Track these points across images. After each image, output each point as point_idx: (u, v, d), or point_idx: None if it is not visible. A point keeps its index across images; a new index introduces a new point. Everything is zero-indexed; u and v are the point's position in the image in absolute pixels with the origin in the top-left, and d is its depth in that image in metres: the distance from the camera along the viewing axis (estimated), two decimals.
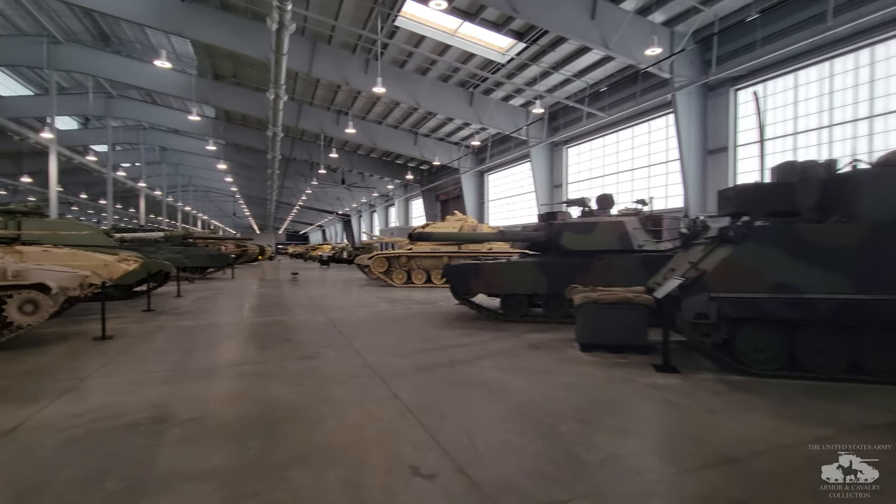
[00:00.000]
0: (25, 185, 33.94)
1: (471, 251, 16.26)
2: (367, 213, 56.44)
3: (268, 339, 6.99)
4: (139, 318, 9.04)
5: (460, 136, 27.11)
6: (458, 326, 8.06)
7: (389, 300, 12.24)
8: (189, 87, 21.45)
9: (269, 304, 11.27)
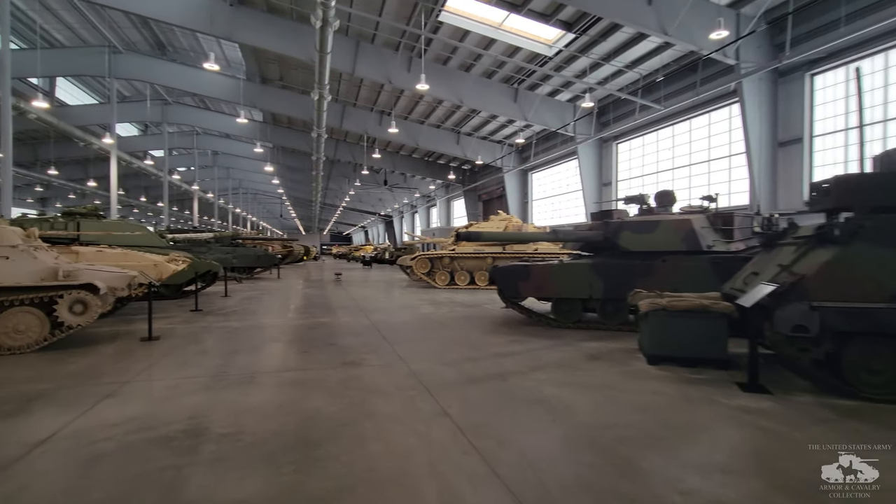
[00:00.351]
0: (91, 188, 36.18)
1: (515, 252, 15.70)
2: (409, 213, 56.66)
3: (310, 342, 6.75)
4: (187, 318, 9.08)
5: (503, 134, 26.50)
6: (507, 332, 7.56)
7: (433, 302, 11.88)
8: (239, 91, 22.02)
9: (313, 305, 11.17)
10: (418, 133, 25.80)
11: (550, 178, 26.61)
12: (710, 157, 16.50)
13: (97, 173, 38.01)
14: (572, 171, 24.02)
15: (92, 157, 33.48)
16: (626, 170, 20.48)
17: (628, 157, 20.37)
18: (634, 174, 19.97)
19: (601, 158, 20.94)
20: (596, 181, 20.85)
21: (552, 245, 16.13)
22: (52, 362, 5.47)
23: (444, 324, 8.49)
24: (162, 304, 11.03)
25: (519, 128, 24.59)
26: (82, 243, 10.86)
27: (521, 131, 23.88)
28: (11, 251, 6.13)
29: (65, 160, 35.15)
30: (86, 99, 28.89)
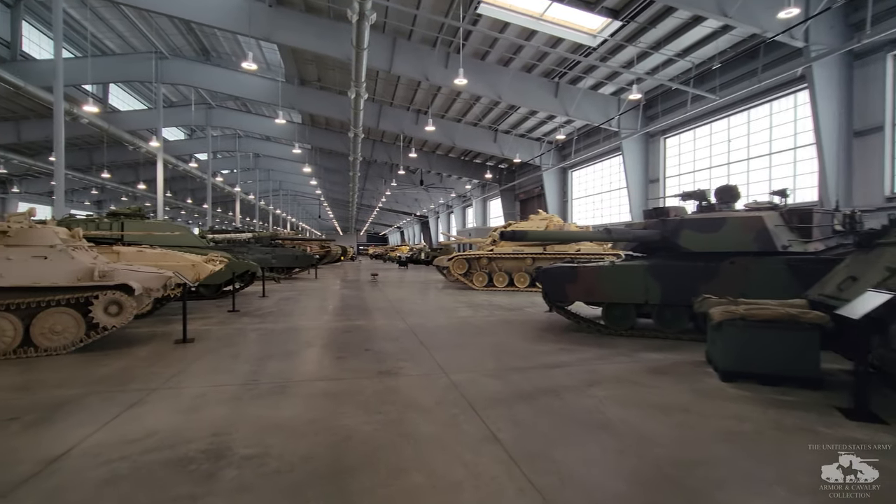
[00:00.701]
0: (141, 191, 37.77)
1: (557, 252, 15.04)
2: (445, 214, 56.38)
3: (345, 347, 6.41)
4: (223, 319, 8.98)
5: (542, 131, 25.69)
6: (554, 339, 6.99)
7: (470, 304, 11.41)
8: (278, 93, 22.28)
9: (349, 307, 10.91)
10: (455, 132, 25.37)
11: (592, 175, 25.58)
12: (772, 151, 15.21)
13: (147, 176, 39.66)
14: (615, 168, 22.98)
15: (142, 161, 34.90)
16: (674, 166, 19.31)
17: (677, 153, 19.19)
18: (685, 170, 18.77)
19: (647, 154, 19.84)
20: (642, 178, 19.77)
21: (595, 245, 15.37)
22: (85, 365, 5.35)
23: (484, 328, 7.99)
24: (200, 305, 11.07)
25: (559, 124, 23.74)
26: (126, 243, 11.05)
27: (562, 127, 22.99)
28: (49, 251, 6.08)
29: (117, 164, 36.82)
30: (136, 105, 30.10)
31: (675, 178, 19.19)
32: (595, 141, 22.70)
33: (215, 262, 9.83)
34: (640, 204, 19.47)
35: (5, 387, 4.56)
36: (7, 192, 38.46)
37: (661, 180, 19.40)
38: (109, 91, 28.36)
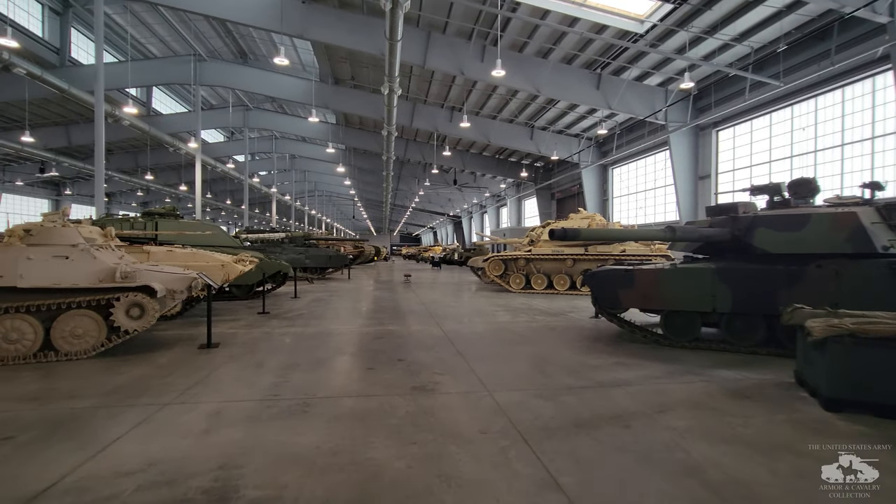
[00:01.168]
0: (183, 192, 38.89)
1: (599, 253, 14.17)
2: (478, 214, 55.68)
3: (377, 357, 5.88)
4: (252, 321, 8.65)
5: (581, 126, 24.63)
6: (607, 351, 6.24)
7: (509, 308, 10.73)
8: (312, 93, 22.23)
9: (382, 310, 10.43)
10: (490, 129, 24.68)
11: (634, 172, 24.28)
12: (845, 141, 13.76)
13: (188, 178, 40.84)
14: (661, 164, 21.70)
15: (184, 164, 35.91)
16: (727, 160, 17.91)
17: (731, 146, 17.78)
18: (740, 164, 17.36)
19: (697, 148, 18.51)
20: (691, 174, 18.48)
21: (640, 246, 14.37)
22: (103, 372, 5.02)
23: (527, 336, 7.30)
24: (230, 306, 10.85)
25: (600, 118, 22.66)
26: (160, 243, 10.98)
27: (603, 121, 21.88)
28: (72, 251, 5.83)
29: (161, 167, 38.10)
30: (178, 108, 30.89)
31: (729, 174, 17.81)
32: (639, 136, 21.49)
33: (245, 263, 9.54)
34: (689, 202, 18.21)
35: (17, 396, 4.24)
36: (61, 194, 40.47)
37: (713, 176, 18.06)
38: (153, 95, 29.18)
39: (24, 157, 29.78)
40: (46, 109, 25.53)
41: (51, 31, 20.82)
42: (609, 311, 7.04)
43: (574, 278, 14.71)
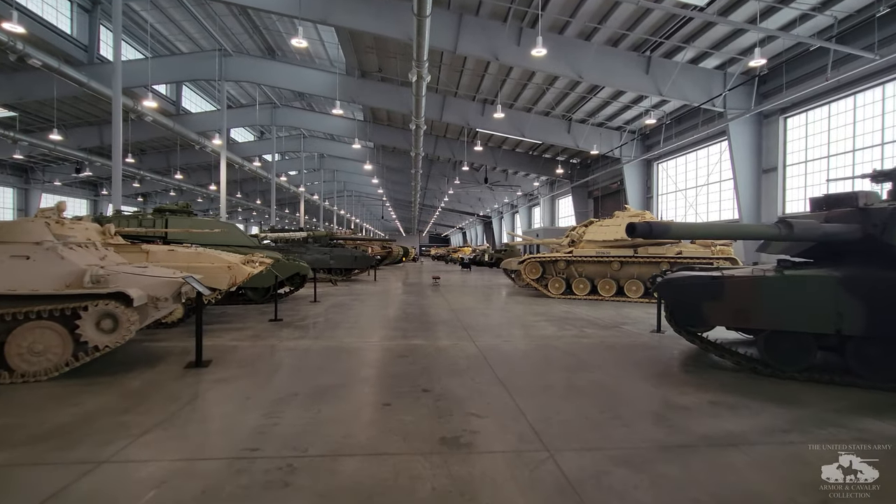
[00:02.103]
0: (214, 192, 39.01)
1: (651, 255, 12.63)
2: (509, 214, 54.09)
3: (397, 385, 4.66)
4: (259, 331, 7.61)
5: (623, 118, 22.84)
6: (693, 382, 4.84)
7: (551, 318, 9.37)
8: (336, 86, 21.42)
9: (407, 318, 9.25)
10: (524, 122, 23.21)
11: (683, 167, 22.26)
12: None
13: (219, 178, 41.08)
14: (714, 157, 19.72)
15: (214, 163, 35.92)
16: (798, 151, 15.79)
17: (803, 134, 15.64)
18: (815, 155, 15.23)
19: (761, 138, 16.49)
20: (753, 167, 16.49)
21: (699, 247, 12.69)
22: (53, 401, 4.01)
23: (582, 358, 5.94)
24: (243, 311, 9.91)
25: (645, 109, 20.87)
26: (169, 241, 10.18)
27: (651, 110, 20.00)
28: (34, 250, 4.86)
29: (192, 166, 38.33)
30: (207, 107, 30.74)
31: (799, 167, 15.74)
32: (691, 126, 19.54)
33: (255, 264, 8.54)
34: (750, 199, 16.28)
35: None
36: (98, 194, 41.34)
37: (780, 169, 16.02)
38: (182, 94, 29.08)
39: (61, 157, 30.28)
40: (78, 109, 25.66)
41: (79, 28, 20.71)
42: (688, 329, 5.60)
43: (621, 283, 13.21)
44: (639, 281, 12.92)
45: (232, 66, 21.34)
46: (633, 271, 13.07)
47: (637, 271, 13.05)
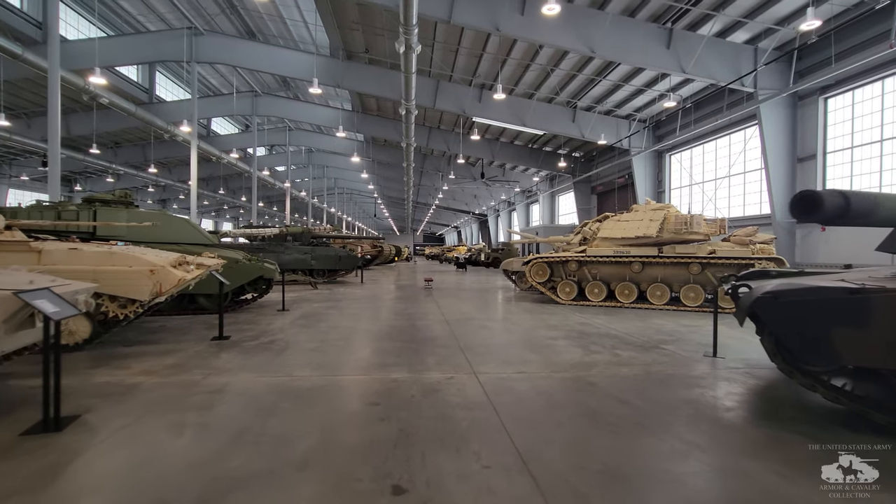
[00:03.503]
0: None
1: (680, 255, 10.83)
2: (506, 211, 52.30)
3: (353, 475, 2.75)
4: (188, 356, 5.69)
5: (633, 105, 21.00)
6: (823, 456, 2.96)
7: (570, 333, 7.53)
8: (324, 70, 19.46)
9: (390, 336, 7.35)
10: (525, 110, 21.32)
11: (701, 157, 20.39)
12: None
13: (201, 174, 38.91)
14: (737, 146, 17.91)
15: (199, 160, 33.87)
16: (840, 136, 13.91)
17: (845, 116, 13.82)
18: (861, 140, 13.39)
19: (796, 122, 14.66)
20: (787, 155, 14.64)
21: (735, 245, 10.84)
22: None
23: (635, 405, 4.06)
24: (186, 323, 7.97)
25: (660, 93, 19.05)
26: (102, 239, 8.25)
27: (669, 93, 18.10)
28: None
29: (172, 161, 36.14)
30: (183, 95, 28.62)
31: (844, 154, 13.84)
32: (711, 112, 17.64)
33: (190, 267, 6.59)
34: (784, 190, 14.47)
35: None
36: (72, 190, 39.08)
37: (820, 157, 14.19)
38: (156, 81, 26.97)
39: (28, 150, 28.08)
40: (40, 96, 23.49)
41: (31, 4, 18.61)
42: (806, 370, 3.71)
43: (642, 287, 11.40)
44: (664, 285, 11.12)
45: (204, 46, 19.29)
46: (657, 273, 11.27)
47: (661, 273, 11.24)
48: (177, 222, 9.23)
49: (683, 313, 10.39)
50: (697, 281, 10.93)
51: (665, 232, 11.07)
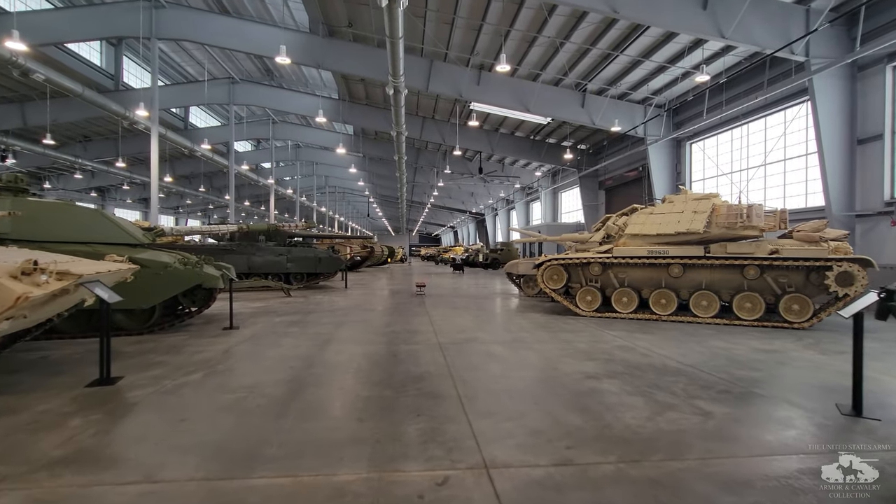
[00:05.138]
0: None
1: (730, 254, 8.67)
2: (504, 210, 50.10)
3: None
4: (28, 423, 3.43)
5: (651, 87, 18.78)
6: None
7: (610, 362, 5.40)
8: (301, 48, 17.20)
9: (360, 373, 5.10)
10: (529, 94, 19.06)
11: (727, 145, 17.91)
12: None
13: (182, 171, 36.49)
14: (775, 129, 15.65)
15: (171, 152, 31.50)
16: None
17: None
18: None
19: (855, 96, 12.30)
20: (845, 136, 12.30)
21: (806, 244, 8.55)
22: None
23: None
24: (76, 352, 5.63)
25: (685, 69, 16.81)
26: None
27: (704, 65, 15.15)
28: None
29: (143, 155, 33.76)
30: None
31: None
32: (748, 90, 15.37)
33: (40, 278, 4.30)
34: (841, 177, 12.27)
35: None
36: (42, 189, 36.62)
37: (887, 138, 11.93)
38: (123, 67, 24.56)
39: None
40: None
41: None
42: None
43: (682, 294, 9.23)
44: (710, 293, 8.92)
45: (165, 20, 16.98)
46: (702, 278, 9.09)
47: (707, 278, 9.06)
48: (80, 215, 6.95)
49: (741, 330, 8.24)
50: (754, 288, 8.73)
51: (714, 227, 8.87)
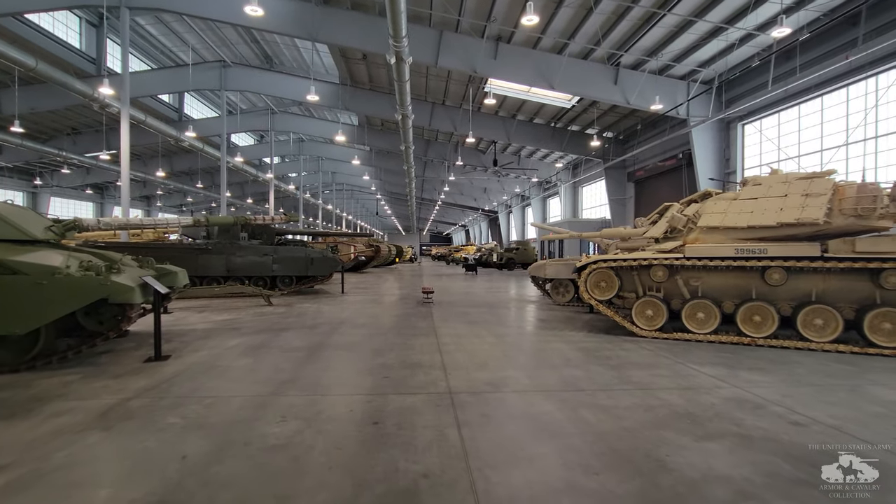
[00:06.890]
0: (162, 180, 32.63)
1: (861, 255, 6.16)
2: (519, 207, 47.55)
3: None
4: None
5: (697, 59, 16.13)
6: None
7: (740, 434, 2.92)
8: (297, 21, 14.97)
9: (308, 469, 2.67)
10: (554, 69, 16.54)
11: (794, 124, 15.06)
12: None
13: (179, 168, 34.63)
14: (857, 102, 12.97)
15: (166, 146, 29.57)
16: None
17: None
18: None
19: None
20: None
21: None
22: None
23: None
24: None
25: (740, 35, 14.18)
26: None
27: (774, 27, 12.18)
28: None
29: (148, 153, 31.96)
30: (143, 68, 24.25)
31: None
32: (824, 53, 12.71)
33: None
34: None
35: None
36: (34, 185, 35.01)
37: None
38: (107, 50, 22.56)
39: None
40: None
41: None
42: None
43: (781, 309, 6.72)
44: (827, 307, 6.39)
45: None
46: (812, 287, 6.62)
47: (821, 287, 6.59)
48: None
49: (882, 362, 5.74)
50: (889, 301, 6.21)
51: (838, 215, 6.35)
